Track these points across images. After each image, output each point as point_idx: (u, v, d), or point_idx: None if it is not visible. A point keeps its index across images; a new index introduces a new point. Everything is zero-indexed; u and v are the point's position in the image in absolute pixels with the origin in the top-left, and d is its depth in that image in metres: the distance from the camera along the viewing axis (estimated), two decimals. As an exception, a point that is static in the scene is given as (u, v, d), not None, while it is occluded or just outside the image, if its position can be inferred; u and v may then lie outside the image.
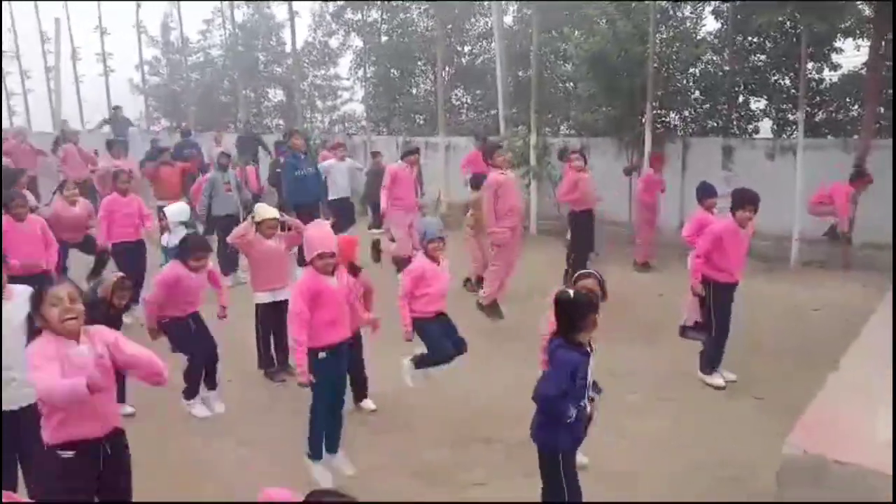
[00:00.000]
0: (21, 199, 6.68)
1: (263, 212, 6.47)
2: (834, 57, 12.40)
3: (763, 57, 13.11)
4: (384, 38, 19.50)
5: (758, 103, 13.48)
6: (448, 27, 17.99)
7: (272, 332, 6.61)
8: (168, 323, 5.60)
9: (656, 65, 11.74)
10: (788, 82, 12.84)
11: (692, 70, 13.23)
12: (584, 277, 4.52)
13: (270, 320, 6.55)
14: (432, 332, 5.37)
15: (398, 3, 19.35)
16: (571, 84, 15.31)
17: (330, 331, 4.46)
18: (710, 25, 13.68)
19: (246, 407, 5.92)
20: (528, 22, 15.01)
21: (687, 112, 13.93)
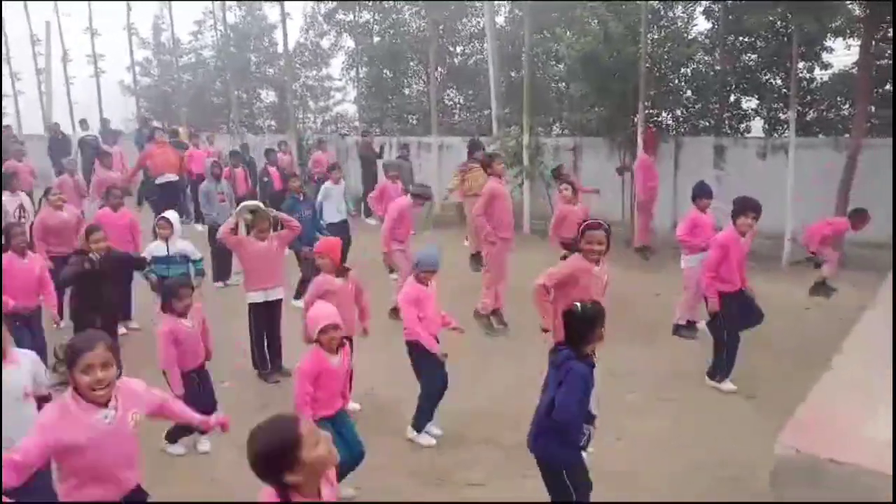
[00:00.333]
0: (20, 229, 6.36)
1: (248, 204, 6.65)
2: (825, 56, 12.46)
3: (754, 56, 13.16)
4: (376, 39, 19.50)
5: (749, 102, 13.53)
6: (440, 28, 17.99)
7: (265, 332, 6.60)
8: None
9: (648, 65, 11.77)
10: (780, 81, 12.90)
11: (684, 70, 13.28)
12: (593, 227, 4.71)
13: (263, 319, 6.55)
14: (430, 365, 5.28)
15: (390, 4, 19.35)
16: (564, 84, 15.36)
17: (326, 407, 4.41)
18: (702, 25, 13.76)
19: (240, 408, 5.89)
20: (520, 22, 15.02)
21: (679, 112, 13.99)
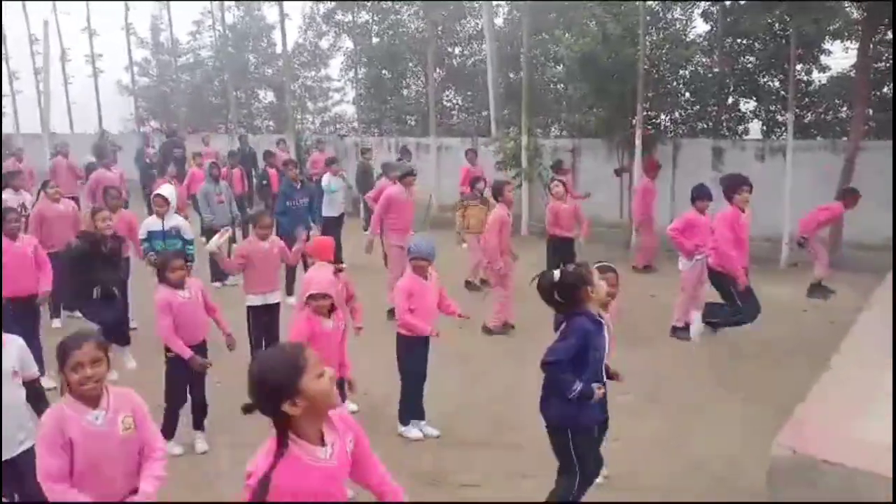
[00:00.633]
0: (15, 215, 6.35)
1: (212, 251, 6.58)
2: (823, 59, 12.51)
3: (752, 59, 13.19)
4: (375, 40, 19.50)
5: (747, 105, 13.57)
6: (439, 29, 18.00)
7: (264, 335, 6.58)
8: (171, 358, 5.26)
9: (646, 67, 11.78)
10: (778, 84, 12.93)
11: (682, 72, 13.30)
12: (605, 271, 4.32)
13: (261, 322, 6.53)
14: (412, 358, 5.29)
15: (389, 5, 19.34)
16: (562, 86, 15.36)
17: None
18: (700, 28, 13.83)
19: (234, 408, 5.86)
20: (519, 24, 15.03)
21: (677, 113, 14.02)
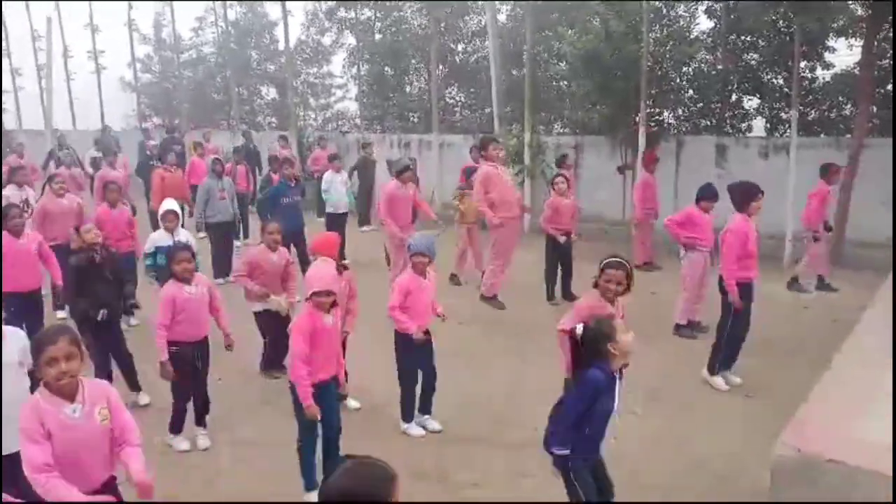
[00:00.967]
0: (17, 211, 6.44)
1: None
2: (827, 56, 12.44)
3: (756, 56, 13.13)
4: (377, 36, 19.46)
5: (751, 102, 13.51)
6: (442, 25, 17.96)
7: (277, 334, 6.47)
8: (174, 353, 5.34)
9: (650, 64, 11.75)
10: (781, 81, 12.87)
11: (685, 69, 13.24)
12: (613, 266, 4.27)
13: (270, 324, 6.49)
14: (407, 358, 5.32)
15: (391, 2, 19.30)
16: (565, 83, 15.32)
17: (320, 368, 4.47)
18: (704, 24, 13.74)
19: (236, 405, 5.89)
20: (522, 20, 14.99)
21: (680, 111, 13.97)
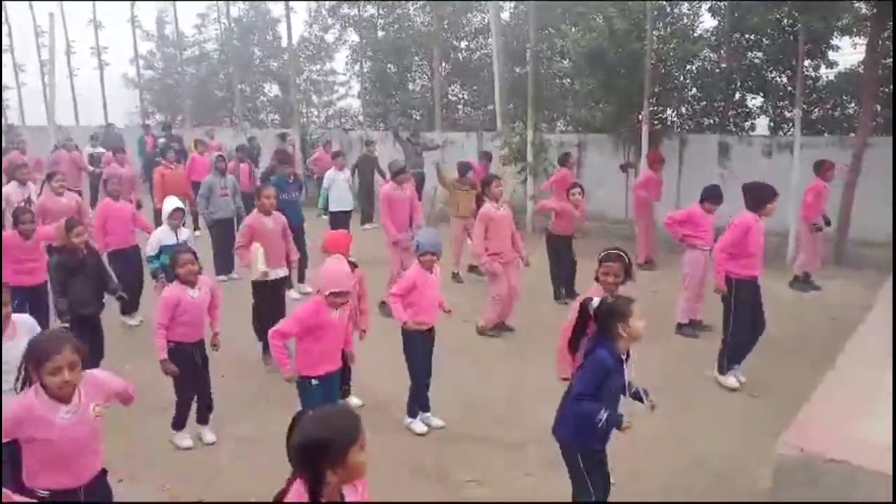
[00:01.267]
0: (30, 216, 6.45)
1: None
2: (831, 54, 12.41)
3: (760, 54, 13.10)
4: (380, 34, 19.44)
5: (754, 100, 13.49)
6: (445, 23, 17.94)
7: (270, 311, 6.53)
8: (172, 350, 5.34)
9: (653, 62, 11.72)
10: (785, 80, 12.84)
11: (689, 67, 13.23)
12: (609, 259, 4.37)
13: (266, 297, 6.60)
14: (416, 352, 5.34)
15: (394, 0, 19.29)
16: (568, 80, 15.30)
17: (324, 361, 4.51)
18: (707, 23, 13.71)
19: (237, 401, 5.90)
20: (525, 18, 14.97)
21: (684, 109, 13.94)
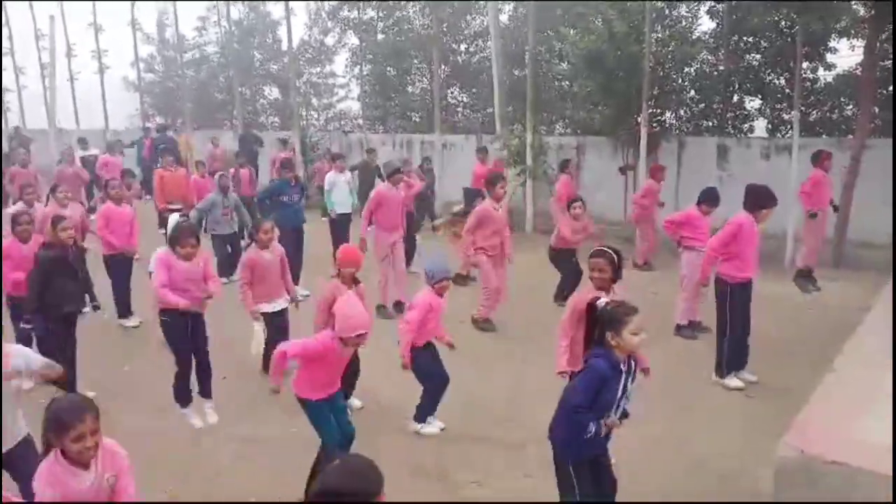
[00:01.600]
0: (27, 217, 6.52)
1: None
2: (829, 57, 12.46)
3: (758, 56, 13.15)
4: (380, 37, 19.48)
5: (753, 103, 13.53)
6: (444, 25, 17.97)
7: (278, 336, 6.49)
8: (165, 322, 5.46)
9: (652, 64, 11.75)
10: (783, 82, 12.89)
11: (687, 69, 13.27)
12: (596, 255, 4.48)
13: (273, 325, 6.49)
14: (426, 361, 5.33)
15: (394, 2, 19.32)
16: (567, 83, 15.34)
17: (326, 387, 4.47)
18: (706, 25, 13.76)
19: (239, 403, 5.92)
20: (524, 21, 15.00)
21: (682, 111, 13.98)
